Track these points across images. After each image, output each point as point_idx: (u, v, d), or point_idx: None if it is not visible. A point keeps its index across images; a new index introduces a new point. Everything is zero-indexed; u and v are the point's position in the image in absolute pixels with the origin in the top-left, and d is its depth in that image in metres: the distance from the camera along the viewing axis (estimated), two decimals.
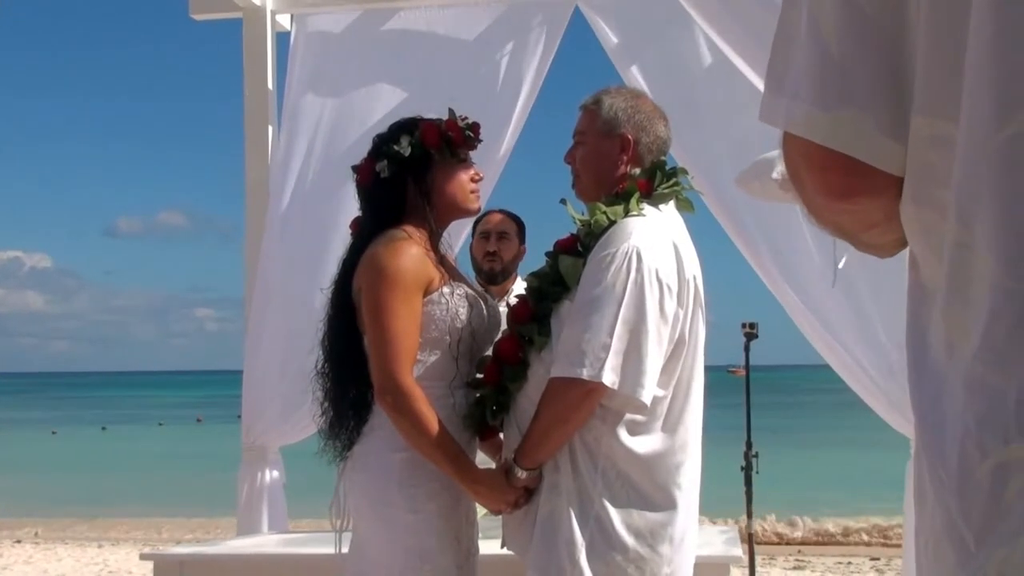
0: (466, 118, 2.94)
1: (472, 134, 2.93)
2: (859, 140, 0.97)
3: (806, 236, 4.46)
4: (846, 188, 1.00)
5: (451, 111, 2.94)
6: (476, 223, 4.42)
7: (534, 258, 4.63)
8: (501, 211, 4.47)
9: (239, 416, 5.09)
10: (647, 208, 2.74)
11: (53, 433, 36.47)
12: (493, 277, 4.37)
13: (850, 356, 4.49)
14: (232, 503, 5.13)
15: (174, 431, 36.92)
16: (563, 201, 2.86)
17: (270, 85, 5.18)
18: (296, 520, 5.19)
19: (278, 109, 5.16)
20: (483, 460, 2.97)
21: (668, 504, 2.65)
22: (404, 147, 2.86)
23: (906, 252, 1.06)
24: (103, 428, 38.77)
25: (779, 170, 3.76)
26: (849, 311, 4.49)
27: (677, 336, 2.66)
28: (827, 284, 4.39)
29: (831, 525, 11.86)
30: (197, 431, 35.63)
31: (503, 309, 3.07)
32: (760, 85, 3.70)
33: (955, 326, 0.92)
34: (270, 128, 5.17)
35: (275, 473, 5.00)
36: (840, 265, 4.13)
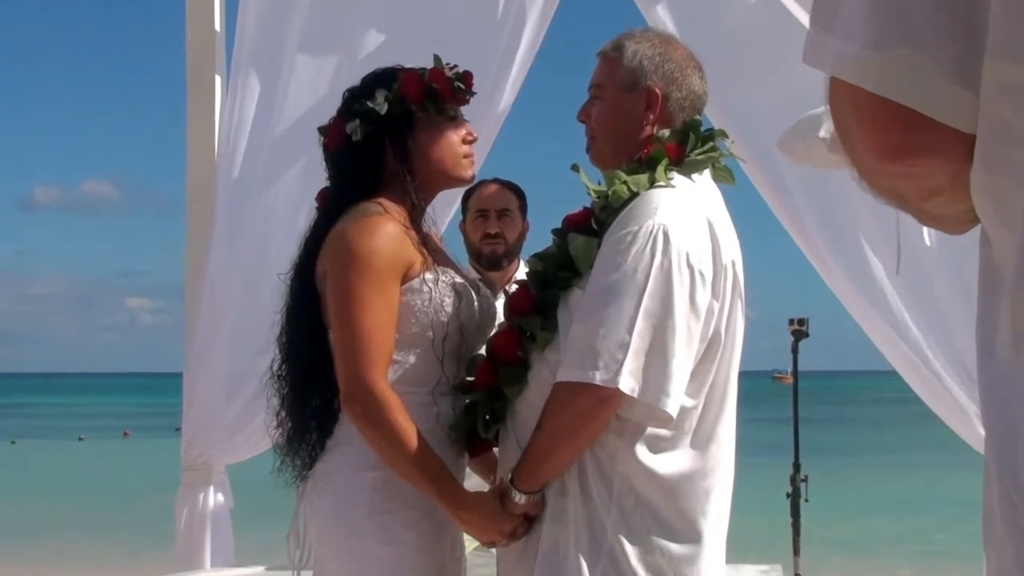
0: (455, 66, 2.93)
1: (463, 86, 2.93)
2: (917, 86, 0.96)
3: (867, 214, 4.45)
4: (902, 146, 0.99)
5: (436, 58, 2.93)
6: (467, 197, 4.38)
7: (539, 237, 4.62)
8: (496, 181, 4.40)
9: (177, 429, 5.10)
10: (677, 178, 2.73)
11: None
12: (495, 262, 4.31)
13: (920, 359, 4.50)
14: (169, 533, 5.14)
15: (97, 446, 36.96)
16: (575, 167, 2.86)
17: (217, 26, 5.17)
18: (245, 553, 5.20)
19: (228, 57, 5.15)
20: (477, 483, 2.97)
21: (693, 537, 2.66)
22: (380, 104, 2.86)
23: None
24: (12, 442, 38.83)
25: (827, 128, 3.77)
26: (920, 304, 4.49)
27: (711, 333, 2.66)
28: (893, 272, 4.39)
29: None
30: (124, 447, 35.68)
31: (501, 301, 3.07)
32: None
33: None
34: (218, 79, 5.16)
35: (220, 497, 5.01)
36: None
